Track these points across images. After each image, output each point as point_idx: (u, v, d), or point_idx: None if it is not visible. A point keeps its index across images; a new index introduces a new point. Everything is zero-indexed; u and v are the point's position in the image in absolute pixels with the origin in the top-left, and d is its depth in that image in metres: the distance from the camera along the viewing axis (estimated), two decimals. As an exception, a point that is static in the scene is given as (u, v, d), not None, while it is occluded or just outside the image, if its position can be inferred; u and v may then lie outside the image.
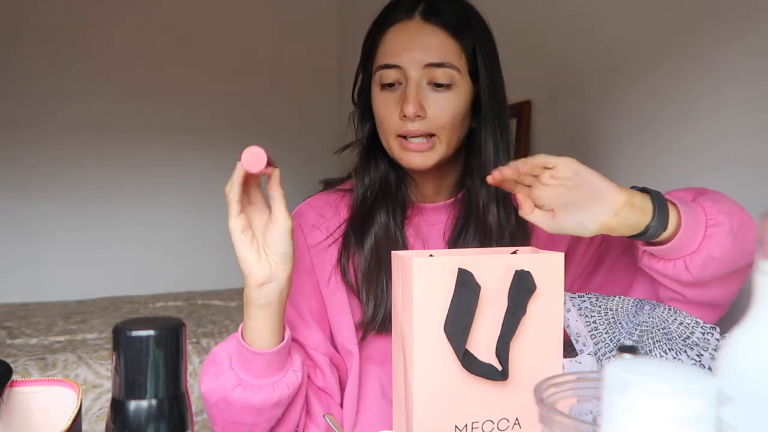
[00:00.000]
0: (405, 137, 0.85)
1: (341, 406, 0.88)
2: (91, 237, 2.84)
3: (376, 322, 0.85)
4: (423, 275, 0.67)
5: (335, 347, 0.90)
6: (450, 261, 0.68)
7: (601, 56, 1.44)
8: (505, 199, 0.89)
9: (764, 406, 0.35)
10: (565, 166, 0.70)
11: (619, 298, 0.80)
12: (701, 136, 1.17)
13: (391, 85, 0.86)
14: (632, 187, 0.73)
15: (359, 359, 0.87)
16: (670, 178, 1.24)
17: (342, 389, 0.90)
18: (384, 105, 0.86)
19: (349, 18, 3.19)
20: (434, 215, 0.93)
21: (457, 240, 0.90)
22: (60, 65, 2.77)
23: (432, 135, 0.85)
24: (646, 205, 0.71)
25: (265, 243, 0.71)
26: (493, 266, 0.69)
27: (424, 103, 0.84)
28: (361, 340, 0.87)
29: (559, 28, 1.59)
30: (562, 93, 1.59)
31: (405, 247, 0.90)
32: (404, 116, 0.83)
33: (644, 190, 0.73)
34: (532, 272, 0.69)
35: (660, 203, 0.71)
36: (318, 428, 0.83)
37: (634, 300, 0.80)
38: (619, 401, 0.36)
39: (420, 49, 0.83)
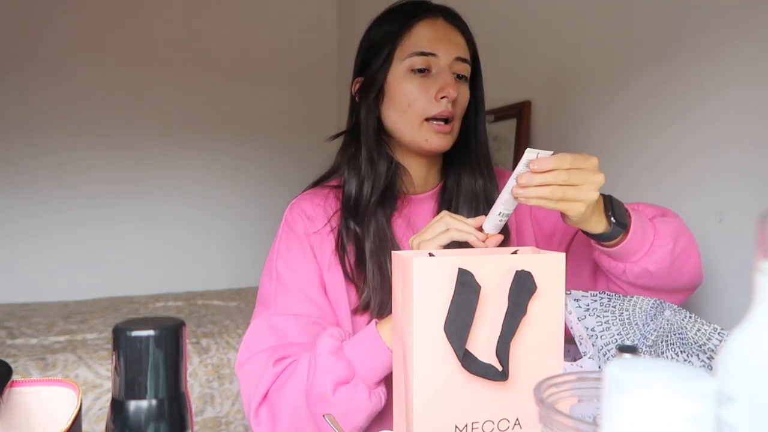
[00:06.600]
0: (432, 120, 0.92)
1: None
2: (91, 237, 2.84)
3: (373, 309, 0.91)
4: (423, 275, 0.67)
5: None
6: (450, 261, 0.68)
7: (601, 56, 1.44)
8: (487, 173, 0.99)
9: (764, 406, 0.35)
10: None
11: (636, 298, 0.80)
12: (701, 136, 1.17)
13: (422, 71, 0.92)
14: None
15: None
16: (669, 177, 1.24)
17: None
18: (416, 88, 0.92)
19: (349, 18, 3.19)
20: (422, 205, 1.00)
21: None
22: (63, 69, 2.77)
23: (450, 120, 0.94)
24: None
25: None
26: (494, 266, 0.69)
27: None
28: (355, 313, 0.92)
29: (559, 28, 1.59)
30: (562, 93, 1.59)
31: (393, 240, 0.94)
32: (443, 98, 0.91)
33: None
34: (532, 272, 0.69)
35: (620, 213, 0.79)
36: None
37: (654, 302, 0.79)
38: (619, 401, 0.36)
39: (450, 43, 0.93)
